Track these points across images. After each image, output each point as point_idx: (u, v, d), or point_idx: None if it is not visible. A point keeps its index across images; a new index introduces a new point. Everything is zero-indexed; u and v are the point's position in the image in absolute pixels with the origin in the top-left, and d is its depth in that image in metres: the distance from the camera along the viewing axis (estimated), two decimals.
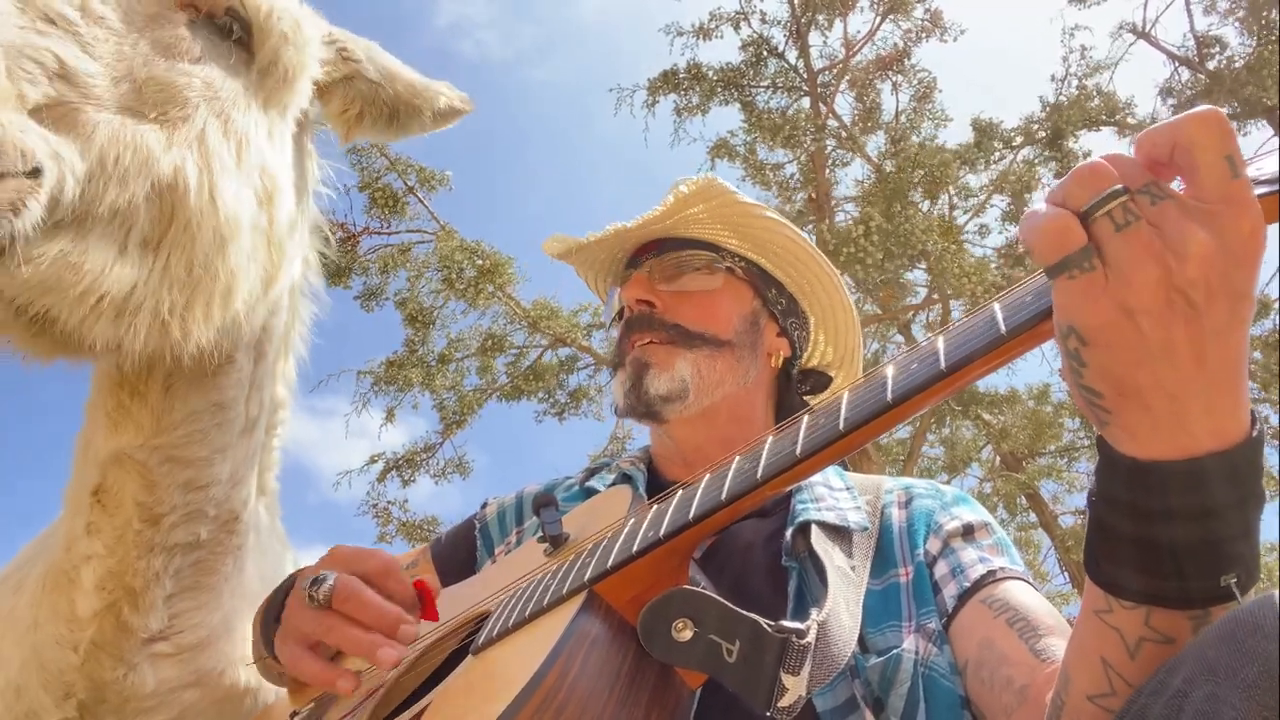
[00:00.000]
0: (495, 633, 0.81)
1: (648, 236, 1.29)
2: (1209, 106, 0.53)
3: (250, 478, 1.24)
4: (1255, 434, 0.55)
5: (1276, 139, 10.68)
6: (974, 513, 1.06)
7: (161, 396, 1.05)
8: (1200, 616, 0.58)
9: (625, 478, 1.26)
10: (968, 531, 1.01)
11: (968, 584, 0.93)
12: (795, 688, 0.64)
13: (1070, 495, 12.18)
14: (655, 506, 0.83)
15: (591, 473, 1.34)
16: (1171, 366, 0.52)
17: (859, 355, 1.37)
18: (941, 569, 0.97)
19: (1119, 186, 0.53)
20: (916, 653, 0.90)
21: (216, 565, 1.21)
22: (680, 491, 0.82)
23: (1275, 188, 0.54)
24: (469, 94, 1.40)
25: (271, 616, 1.07)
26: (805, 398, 1.34)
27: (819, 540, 0.95)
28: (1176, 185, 0.55)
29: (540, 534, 0.98)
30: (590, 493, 1.24)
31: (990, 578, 0.92)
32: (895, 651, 0.90)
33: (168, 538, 1.11)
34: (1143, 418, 0.54)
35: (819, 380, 1.35)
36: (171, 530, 1.11)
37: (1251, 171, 0.55)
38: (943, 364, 0.63)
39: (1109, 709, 0.64)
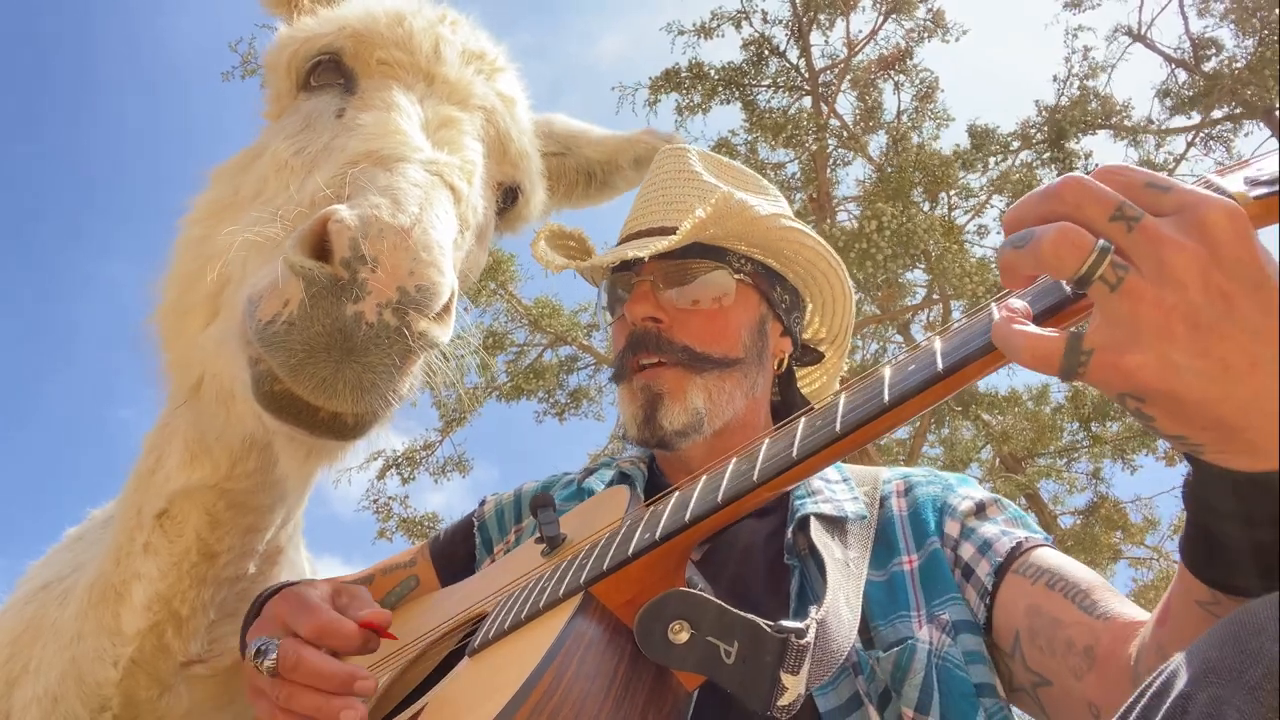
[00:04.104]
0: (491, 634, 0.80)
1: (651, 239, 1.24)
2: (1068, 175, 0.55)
3: (297, 514, 1.27)
4: None
5: (1276, 140, 10.67)
6: (981, 491, 1.05)
7: (241, 444, 1.06)
8: None
9: (624, 477, 1.25)
10: (980, 509, 1.00)
11: (999, 559, 0.92)
12: (795, 686, 0.64)
13: (1070, 496, 12.21)
14: (652, 508, 0.83)
15: (590, 472, 1.32)
16: (1232, 385, 0.51)
17: (849, 333, 1.37)
18: (967, 550, 0.96)
19: (1101, 244, 0.53)
20: (930, 643, 0.90)
21: (257, 593, 1.22)
22: (677, 494, 0.81)
23: (1274, 188, 0.54)
24: None
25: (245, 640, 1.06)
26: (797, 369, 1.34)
27: (818, 534, 0.95)
28: None
29: (537, 535, 0.98)
30: (588, 492, 1.23)
31: (1019, 549, 0.92)
32: (909, 642, 0.90)
33: (220, 573, 1.14)
34: (1234, 439, 0.52)
35: (811, 355, 1.35)
36: (225, 567, 1.14)
37: (1251, 172, 0.55)
38: (939, 365, 0.63)
39: None
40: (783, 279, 1.27)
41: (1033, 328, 0.57)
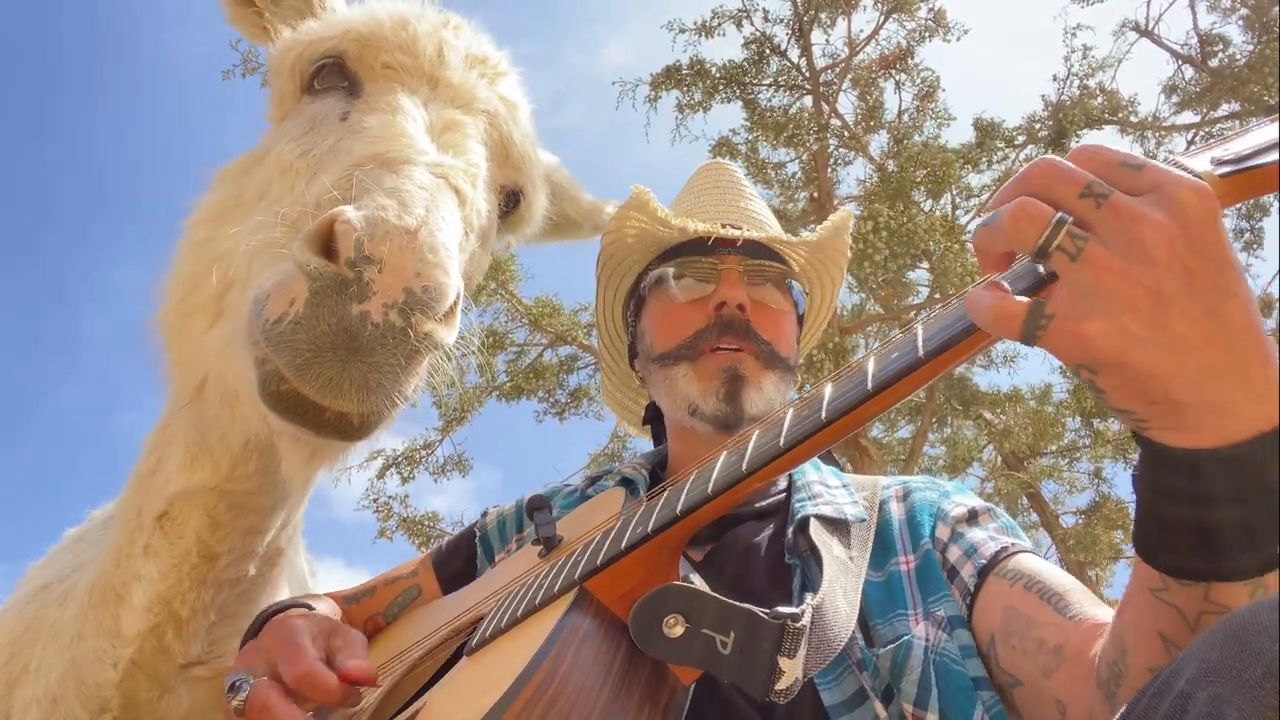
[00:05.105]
0: (489, 633, 0.81)
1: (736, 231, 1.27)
2: (1042, 158, 0.56)
3: (297, 516, 1.28)
4: None
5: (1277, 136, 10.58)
6: (975, 500, 1.08)
7: (242, 446, 1.07)
8: (1257, 583, 0.59)
9: (627, 481, 1.26)
10: (972, 516, 1.03)
11: (984, 561, 0.94)
12: (791, 670, 0.65)
13: (1071, 495, 12.20)
14: (645, 503, 0.84)
15: (593, 480, 1.35)
16: (1185, 359, 0.52)
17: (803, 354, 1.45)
18: (955, 553, 0.98)
19: (1058, 215, 0.54)
20: (927, 639, 0.92)
21: (257, 595, 1.24)
22: (670, 488, 0.82)
23: (1240, 166, 0.55)
24: None
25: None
26: None
27: (818, 533, 0.97)
28: None
29: (535, 537, 0.98)
30: (591, 499, 1.25)
31: (1004, 553, 0.94)
32: (905, 638, 0.91)
33: (221, 575, 1.14)
34: (1179, 415, 0.54)
35: None
36: (225, 569, 1.14)
37: (1218, 152, 0.57)
38: (920, 351, 0.64)
39: None
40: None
41: (1000, 293, 0.58)
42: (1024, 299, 0.57)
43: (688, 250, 1.26)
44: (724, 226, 1.26)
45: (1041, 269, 0.61)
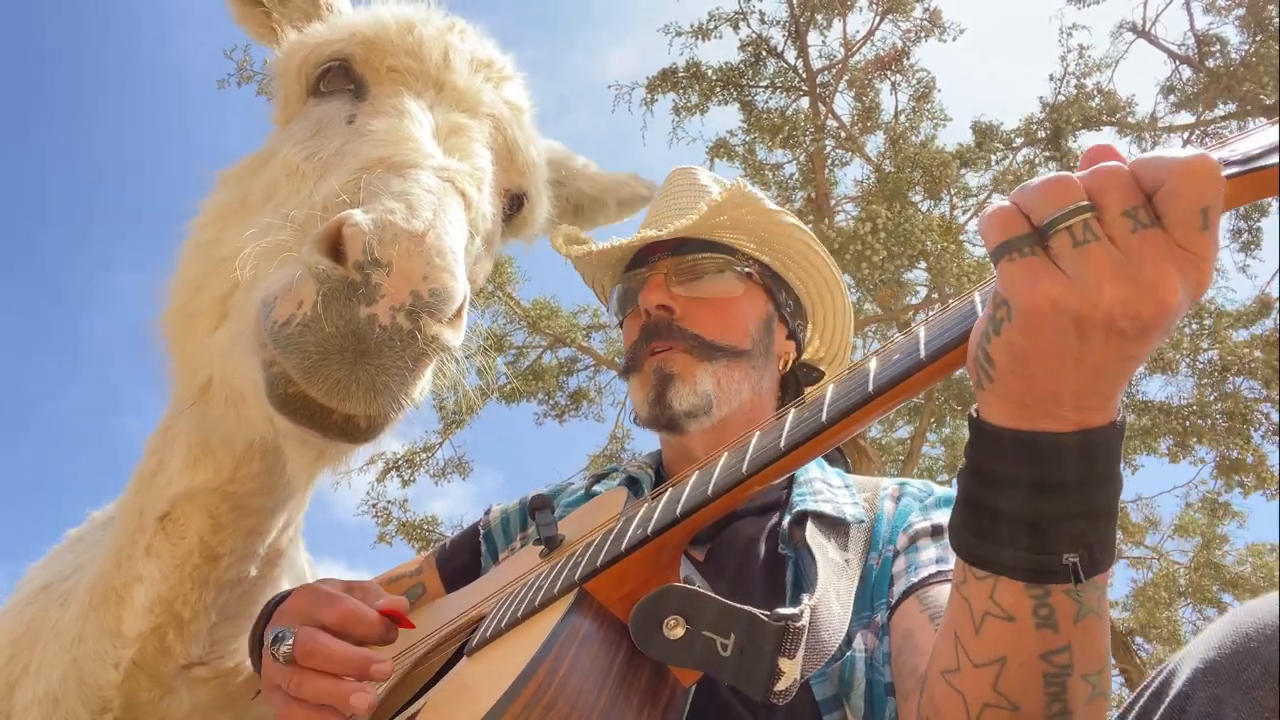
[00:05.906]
0: (489, 634, 0.81)
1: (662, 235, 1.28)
2: (1202, 155, 0.53)
3: (298, 517, 1.28)
4: (1118, 421, 0.58)
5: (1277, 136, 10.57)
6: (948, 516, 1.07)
7: (245, 448, 1.07)
8: (1040, 597, 0.61)
9: (632, 480, 1.26)
10: (936, 532, 1.02)
11: (915, 580, 0.95)
12: (791, 671, 0.65)
13: None
14: (646, 504, 0.84)
15: (598, 478, 1.35)
16: (1071, 373, 0.55)
17: (848, 353, 1.41)
18: (900, 565, 0.99)
19: (1084, 203, 0.54)
20: (865, 650, 0.93)
21: (258, 595, 1.24)
22: (671, 489, 0.83)
23: (1247, 167, 0.55)
24: None
25: (255, 642, 1.08)
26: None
27: (813, 533, 0.97)
28: None
29: (537, 537, 0.99)
30: (594, 498, 1.25)
31: (937, 577, 0.94)
32: (848, 655, 0.93)
33: (222, 575, 1.15)
34: (1019, 397, 0.58)
35: (809, 374, 1.38)
36: (227, 569, 1.15)
37: (1224, 153, 0.57)
38: (922, 353, 0.64)
39: (955, 686, 0.67)
40: (787, 285, 1.31)
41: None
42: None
43: (630, 265, 1.30)
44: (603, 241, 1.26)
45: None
